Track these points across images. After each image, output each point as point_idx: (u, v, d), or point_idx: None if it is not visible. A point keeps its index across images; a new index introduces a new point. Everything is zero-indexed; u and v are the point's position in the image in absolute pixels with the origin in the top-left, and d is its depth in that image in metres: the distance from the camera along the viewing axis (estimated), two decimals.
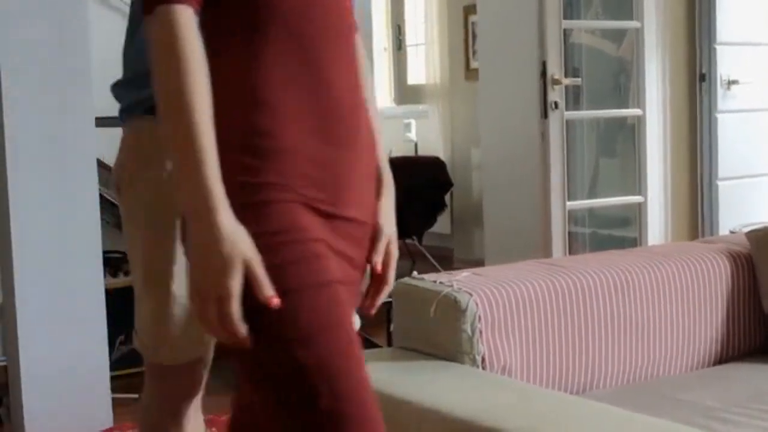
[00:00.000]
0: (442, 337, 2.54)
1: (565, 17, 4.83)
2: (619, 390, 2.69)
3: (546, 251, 4.69)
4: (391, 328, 2.91)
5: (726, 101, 5.34)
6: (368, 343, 4.34)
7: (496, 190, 5.21)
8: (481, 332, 2.51)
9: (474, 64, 7.56)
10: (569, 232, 4.95)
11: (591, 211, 5.73)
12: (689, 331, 2.87)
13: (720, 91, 5.31)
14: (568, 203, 4.82)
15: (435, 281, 2.64)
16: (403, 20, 8.88)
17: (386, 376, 2.43)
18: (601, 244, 5.50)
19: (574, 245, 5.29)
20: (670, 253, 2.98)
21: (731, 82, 5.35)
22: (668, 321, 2.82)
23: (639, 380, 2.77)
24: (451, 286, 2.56)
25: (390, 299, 2.56)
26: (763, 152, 5.27)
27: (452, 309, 2.51)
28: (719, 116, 5.32)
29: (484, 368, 2.51)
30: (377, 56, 7.73)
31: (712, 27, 5.29)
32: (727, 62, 5.35)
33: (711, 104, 5.32)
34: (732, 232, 4.61)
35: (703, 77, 5.32)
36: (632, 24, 5.12)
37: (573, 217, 5.35)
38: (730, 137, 5.35)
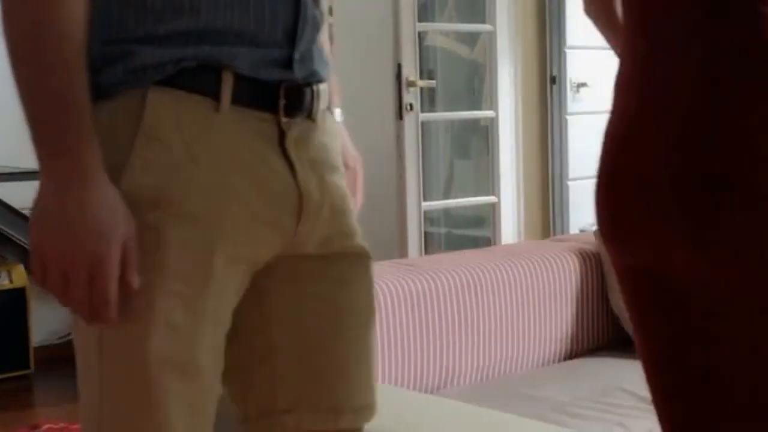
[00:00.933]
0: None
1: (420, 20, 4.87)
2: (472, 387, 2.73)
3: (402, 251, 4.73)
4: None
5: (575, 103, 5.47)
6: None
7: None
8: None
9: None
10: (425, 233, 5.00)
11: (446, 212, 5.80)
12: (540, 328, 2.93)
13: (570, 93, 5.44)
14: (424, 204, 4.87)
15: None
16: None
17: None
18: (456, 243, 5.58)
19: (430, 245, 5.35)
20: (522, 252, 3.04)
21: (580, 85, 5.48)
22: (520, 318, 2.87)
23: (492, 377, 2.82)
24: None
25: None
26: None
27: None
28: (569, 118, 5.45)
29: None
30: None
31: (562, 31, 5.41)
32: (576, 65, 5.49)
33: (561, 106, 5.44)
34: (582, 231, 4.73)
35: (553, 80, 5.44)
36: (485, 27, 5.20)
37: (428, 218, 5.41)
38: (580, 138, 5.49)
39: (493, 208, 5.22)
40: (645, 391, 2.53)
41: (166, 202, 1.30)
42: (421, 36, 5.10)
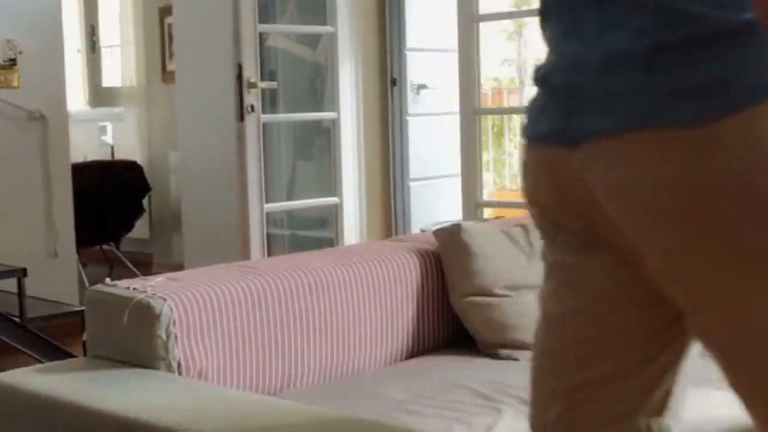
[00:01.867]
0: (136, 344, 2.49)
1: (261, 21, 4.85)
2: (315, 388, 2.73)
3: (245, 254, 4.71)
4: (84, 336, 2.82)
5: (416, 105, 5.55)
6: (63, 354, 4.19)
7: (194, 193, 5.17)
8: (176, 337, 2.47)
9: (171, 67, 7.46)
10: (268, 234, 4.99)
11: (289, 213, 5.79)
12: (382, 328, 2.95)
13: (410, 95, 5.51)
14: (266, 205, 4.86)
15: (129, 287, 2.58)
16: (96, 20, 8.64)
17: (79, 386, 2.36)
18: (299, 245, 5.58)
19: (273, 247, 5.33)
20: (364, 253, 3.06)
21: (420, 87, 5.56)
22: (362, 318, 2.89)
23: (335, 377, 2.82)
24: (145, 291, 2.52)
25: (82, 308, 2.49)
26: (448, 154, 5.51)
27: (146, 315, 2.46)
28: (410, 119, 5.52)
29: (180, 374, 2.48)
30: (70, 58, 7.46)
31: (402, 33, 5.48)
32: (416, 67, 5.56)
33: (402, 108, 5.51)
34: (422, 231, 4.79)
35: (394, 82, 5.50)
36: (326, 29, 5.22)
37: (271, 219, 5.39)
38: (420, 140, 5.57)
39: (336, 209, 5.25)
40: (485, 388, 2.59)
41: None
42: (262, 37, 5.08)
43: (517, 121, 8.02)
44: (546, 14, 1.51)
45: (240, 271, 2.77)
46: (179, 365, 2.48)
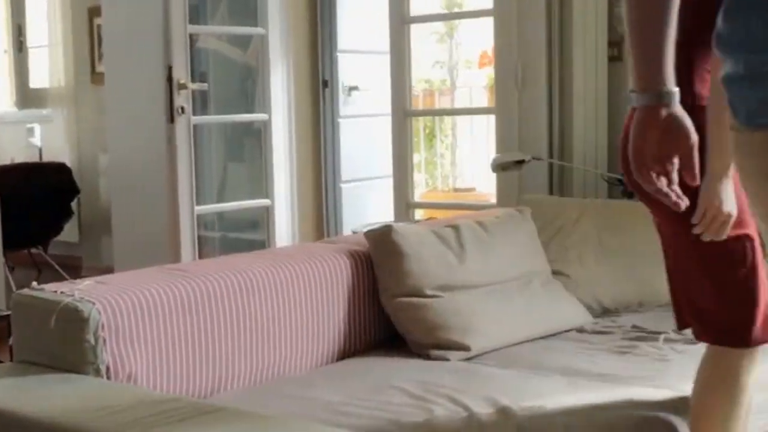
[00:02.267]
0: (64, 349, 2.46)
1: (191, 22, 4.82)
2: (246, 390, 2.72)
3: (175, 256, 4.67)
4: (11, 341, 2.78)
5: (347, 107, 5.56)
6: None
7: (124, 196, 5.12)
8: (105, 341, 2.45)
9: (100, 68, 7.37)
10: (199, 237, 4.96)
11: (221, 215, 5.77)
12: (313, 329, 2.95)
13: (341, 97, 5.52)
14: (197, 208, 4.83)
15: (56, 291, 2.55)
16: (24, 20, 8.50)
17: (5, 391, 2.33)
18: (231, 247, 5.56)
19: (204, 249, 5.31)
20: (295, 254, 3.06)
21: (352, 89, 5.57)
22: (293, 320, 2.89)
23: (266, 380, 2.82)
24: (73, 295, 2.49)
25: (8, 312, 2.45)
26: (380, 155, 5.52)
27: (74, 319, 2.44)
28: (341, 121, 5.52)
29: (108, 378, 2.45)
30: None
31: (334, 35, 5.48)
32: (347, 69, 5.57)
33: (333, 109, 5.51)
34: (354, 232, 4.79)
35: (325, 83, 5.50)
36: (257, 30, 5.21)
37: (202, 222, 5.37)
38: (351, 141, 5.58)
39: (267, 211, 5.23)
40: (416, 389, 2.61)
41: None
42: (192, 38, 5.05)
43: (449, 122, 8.07)
44: None
45: (170, 273, 2.75)
46: (108, 369, 2.46)
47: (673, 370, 2.82)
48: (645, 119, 1.84)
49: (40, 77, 8.36)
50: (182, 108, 4.68)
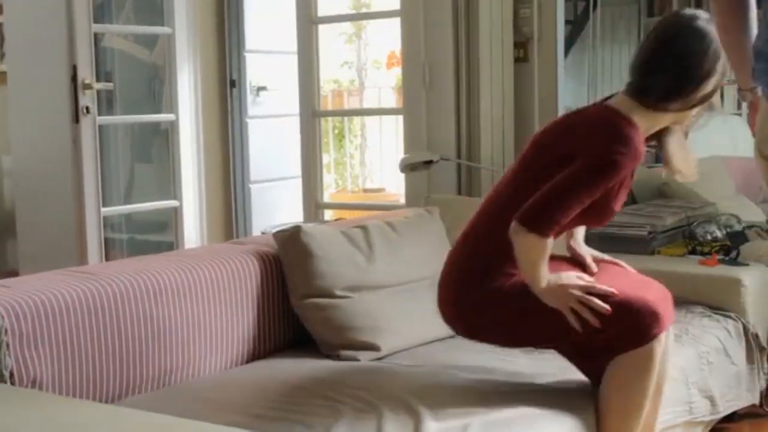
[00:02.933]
0: None
1: (96, 21, 4.76)
2: (155, 394, 2.69)
3: (82, 259, 4.60)
4: None
5: (255, 107, 5.53)
6: None
7: (29, 197, 5.02)
8: (8, 345, 2.41)
9: (2, 67, 7.21)
10: (106, 239, 4.89)
11: (128, 217, 5.69)
12: (223, 331, 2.94)
13: (250, 97, 5.49)
14: (104, 209, 4.76)
15: None
16: None
17: None
18: (139, 249, 5.49)
19: (111, 252, 5.24)
20: (203, 256, 3.03)
21: (260, 89, 5.55)
22: (202, 322, 2.87)
23: (176, 383, 2.79)
24: None
25: None
26: (289, 156, 5.51)
27: None
28: (249, 121, 5.50)
29: (12, 383, 2.41)
30: None
31: (241, 34, 5.46)
32: (255, 69, 5.54)
33: (241, 110, 5.48)
34: (263, 233, 4.78)
35: (233, 83, 5.48)
36: (164, 30, 5.16)
37: (109, 224, 5.29)
38: (260, 142, 5.56)
39: (175, 213, 5.19)
40: (326, 390, 2.61)
41: None
42: (97, 37, 4.98)
43: (358, 123, 8.09)
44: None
45: (75, 276, 2.71)
46: (11, 374, 2.41)
47: None
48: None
49: None
50: (87, 108, 4.61)
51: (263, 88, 5.56)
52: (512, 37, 4.44)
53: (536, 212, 2.52)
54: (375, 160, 8.02)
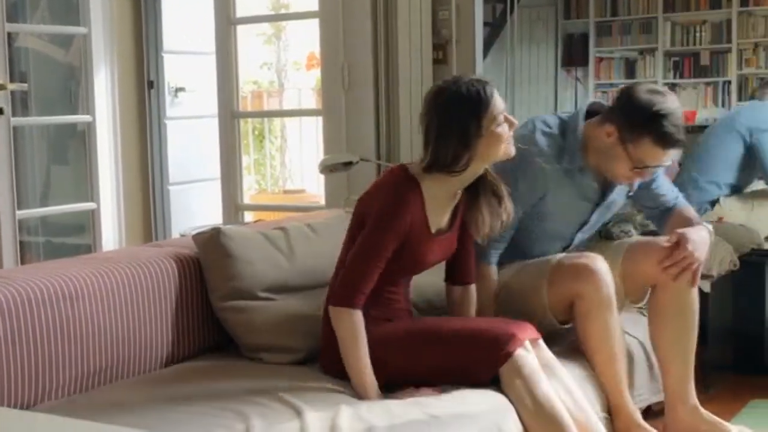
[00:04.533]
0: None
1: (10, 20, 4.68)
2: (71, 399, 2.66)
3: None
4: None
5: (174, 108, 5.49)
6: None
7: None
8: None
9: None
10: (21, 242, 4.81)
11: (44, 220, 5.61)
12: (141, 335, 2.91)
13: (168, 98, 5.45)
14: (19, 212, 4.69)
15: None
16: None
17: None
18: (55, 252, 5.41)
19: (27, 255, 5.16)
20: (120, 259, 3.00)
21: (178, 90, 5.51)
22: (119, 326, 2.83)
23: (92, 387, 2.76)
24: None
25: None
26: (207, 157, 5.48)
27: None
28: (168, 122, 5.45)
29: None
30: None
31: (159, 35, 5.41)
32: (174, 70, 5.50)
33: (160, 111, 5.44)
34: (182, 235, 4.74)
35: (151, 84, 5.43)
36: (79, 30, 5.09)
37: (25, 227, 5.21)
38: (179, 143, 5.52)
39: (93, 215, 5.13)
40: (244, 393, 2.60)
41: None
42: (11, 37, 4.90)
43: (278, 124, 8.07)
44: None
45: None
46: None
47: None
48: None
49: None
50: (1, 109, 4.53)
51: (181, 89, 5.52)
52: (431, 39, 4.47)
53: (341, 288, 2.74)
54: (295, 162, 8.02)
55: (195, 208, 5.59)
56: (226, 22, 4.98)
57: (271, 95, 8.16)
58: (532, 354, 2.70)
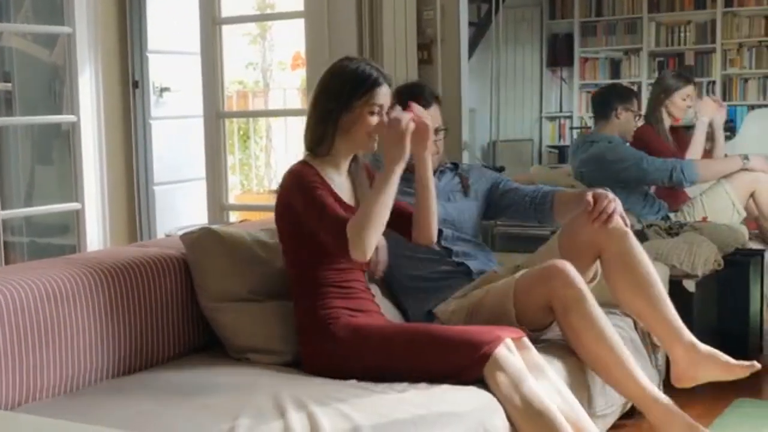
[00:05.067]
0: None
1: None
2: (57, 401, 2.65)
3: None
4: None
5: (159, 108, 5.47)
6: None
7: None
8: None
9: None
10: (5, 242, 4.80)
11: (29, 220, 5.59)
12: (127, 336, 2.90)
13: (153, 98, 5.43)
14: (3, 212, 4.68)
15: None
16: None
17: None
18: (40, 252, 5.39)
19: (11, 256, 5.14)
20: (105, 259, 2.98)
21: (163, 90, 5.49)
22: (104, 327, 2.82)
23: (78, 388, 2.75)
24: None
25: None
26: (192, 157, 5.47)
27: None
28: (153, 122, 5.44)
29: None
30: None
31: (144, 35, 5.40)
32: (159, 70, 5.49)
33: (145, 111, 5.42)
34: (167, 235, 4.73)
35: (136, 84, 5.41)
36: (64, 29, 5.08)
37: (9, 227, 5.19)
38: (164, 143, 5.50)
39: (77, 215, 5.11)
40: (230, 393, 2.60)
41: None
42: None
43: (263, 124, 8.06)
44: None
45: None
46: None
47: None
48: None
49: None
50: None
51: (166, 89, 5.51)
52: (416, 39, 4.47)
53: (333, 236, 2.80)
54: (281, 161, 8.01)
55: (180, 208, 5.58)
56: (211, 22, 4.98)
57: (257, 95, 8.15)
58: (516, 354, 2.71)
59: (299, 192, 2.89)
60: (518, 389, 2.62)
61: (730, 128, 6.70)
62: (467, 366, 2.68)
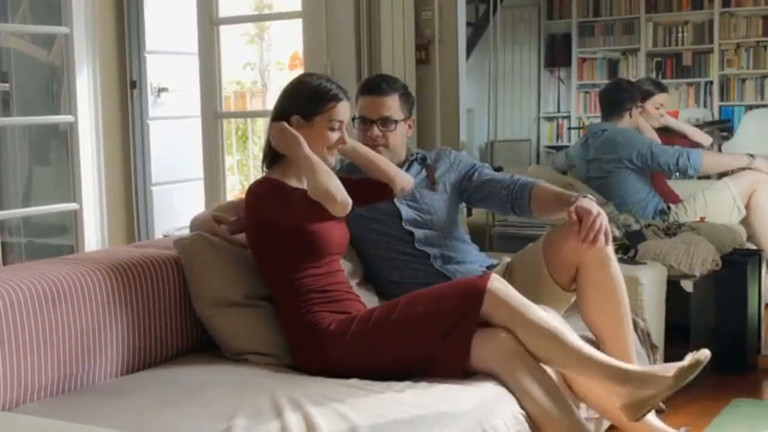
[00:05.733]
0: None
1: None
2: (55, 400, 2.65)
3: None
4: None
5: (157, 108, 5.47)
6: None
7: None
8: None
9: None
10: (3, 243, 4.80)
11: (26, 220, 5.59)
12: (124, 336, 2.90)
13: (150, 98, 5.43)
14: (0, 213, 4.68)
15: None
16: None
17: None
18: (38, 253, 5.39)
19: (9, 256, 5.14)
20: (103, 259, 2.99)
21: (161, 90, 5.49)
22: (102, 327, 2.83)
23: (75, 388, 2.75)
24: None
25: None
26: (190, 157, 5.47)
27: None
28: (150, 123, 5.43)
29: None
30: None
31: (141, 35, 5.39)
32: (156, 70, 5.48)
33: (142, 111, 5.42)
34: (165, 236, 4.72)
35: (134, 84, 5.41)
36: (61, 29, 5.07)
37: (7, 227, 5.19)
38: (161, 143, 5.50)
39: (75, 215, 5.11)
40: (224, 394, 2.60)
41: None
42: None
43: (261, 124, 8.06)
44: None
45: None
46: None
47: None
48: None
49: None
50: None
51: (164, 90, 5.51)
52: (414, 39, 4.47)
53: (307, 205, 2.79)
54: None
55: (178, 208, 5.57)
56: (209, 22, 4.97)
57: (254, 95, 8.15)
58: (509, 286, 2.76)
59: (263, 198, 2.93)
60: (524, 314, 2.69)
61: (728, 128, 6.72)
62: (468, 307, 2.71)
